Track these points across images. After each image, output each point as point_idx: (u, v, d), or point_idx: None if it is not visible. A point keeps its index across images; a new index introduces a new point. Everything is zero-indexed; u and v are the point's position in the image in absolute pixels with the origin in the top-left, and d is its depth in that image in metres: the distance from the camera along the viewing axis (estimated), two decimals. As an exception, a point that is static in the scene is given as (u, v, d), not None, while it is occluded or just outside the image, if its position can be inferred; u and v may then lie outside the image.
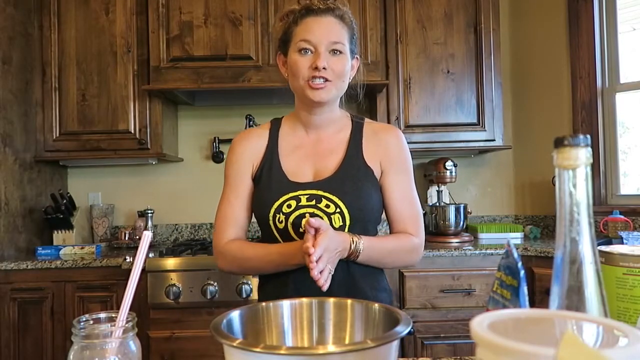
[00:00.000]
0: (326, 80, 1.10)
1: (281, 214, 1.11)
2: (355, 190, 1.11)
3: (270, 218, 1.12)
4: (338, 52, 1.11)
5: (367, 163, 1.16)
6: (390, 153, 1.18)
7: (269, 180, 1.15)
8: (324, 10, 1.12)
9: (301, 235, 1.08)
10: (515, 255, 0.53)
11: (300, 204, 1.10)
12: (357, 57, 1.21)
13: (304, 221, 1.04)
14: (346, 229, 1.10)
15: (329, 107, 1.17)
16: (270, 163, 1.17)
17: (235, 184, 1.19)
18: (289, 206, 1.11)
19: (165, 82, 2.35)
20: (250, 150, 1.20)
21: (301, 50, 1.11)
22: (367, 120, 1.24)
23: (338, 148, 1.18)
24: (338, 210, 1.10)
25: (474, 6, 2.48)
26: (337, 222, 1.10)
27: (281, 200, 1.11)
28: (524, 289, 0.50)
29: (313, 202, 1.10)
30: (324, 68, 1.09)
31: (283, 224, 1.11)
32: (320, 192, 1.11)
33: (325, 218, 1.09)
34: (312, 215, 1.10)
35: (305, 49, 1.11)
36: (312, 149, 1.19)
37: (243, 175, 1.19)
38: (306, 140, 1.20)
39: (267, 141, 1.20)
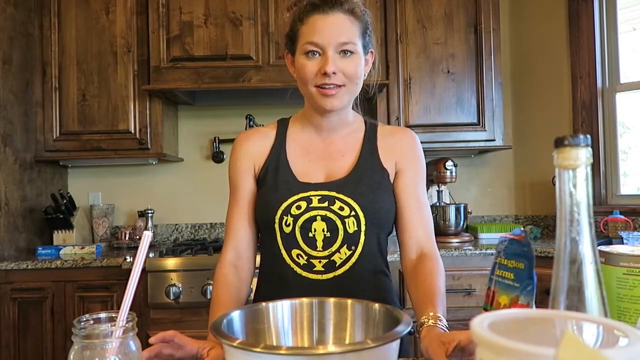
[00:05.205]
0: (337, 85, 1.02)
1: (289, 216, 1.02)
2: (371, 193, 1.04)
3: (277, 221, 1.03)
4: (349, 53, 1.02)
5: (383, 165, 1.09)
6: (405, 154, 1.11)
7: (276, 181, 1.07)
8: (332, 5, 1.01)
9: (310, 242, 1.02)
10: (529, 240, 0.66)
11: (311, 205, 1.02)
12: (371, 51, 1.10)
13: None
14: (361, 234, 1.03)
15: (341, 110, 1.09)
16: (276, 163, 1.09)
17: (235, 189, 1.13)
18: (299, 207, 1.02)
19: (166, 82, 2.35)
20: (251, 150, 1.12)
21: (308, 53, 1.02)
22: (380, 123, 1.19)
23: (351, 150, 1.11)
24: (353, 213, 1.02)
25: (474, 6, 2.48)
26: (352, 226, 1.02)
27: (290, 200, 1.03)
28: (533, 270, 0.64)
29: (326, 204, 1.02)
30: (333, 73, 1.00)
31: (290, 227, 1.02)
32: (333, 194, 1.03)
33: (339, 221, 1.02)
34: (324, 218, 1.02)
35: (313, 51, 1.01)
36: (323, 151, 1.11)
37: (243, 178, 1.12)
38: (317, 142, 1.12)
39: (274, 141, 1.12)
